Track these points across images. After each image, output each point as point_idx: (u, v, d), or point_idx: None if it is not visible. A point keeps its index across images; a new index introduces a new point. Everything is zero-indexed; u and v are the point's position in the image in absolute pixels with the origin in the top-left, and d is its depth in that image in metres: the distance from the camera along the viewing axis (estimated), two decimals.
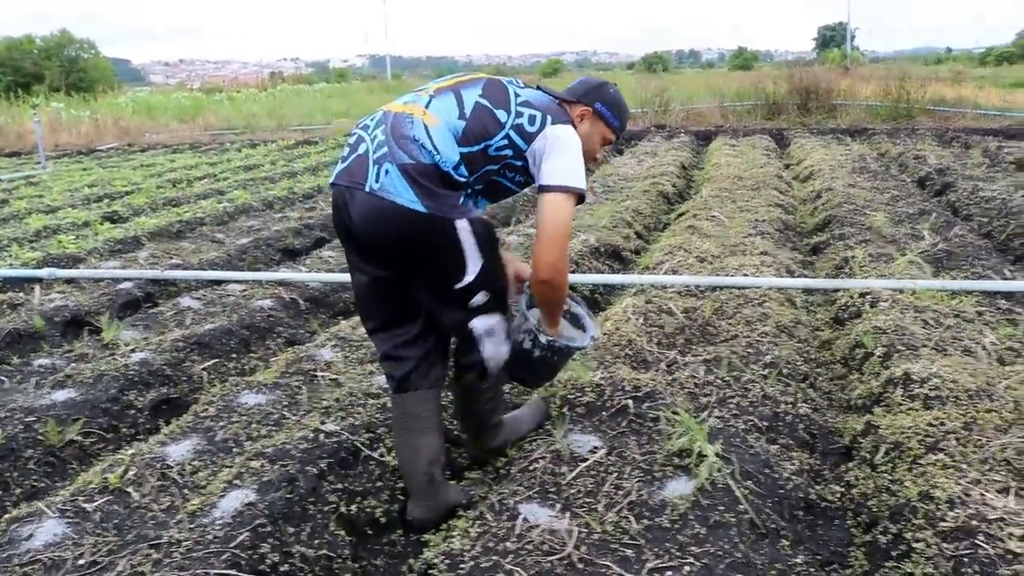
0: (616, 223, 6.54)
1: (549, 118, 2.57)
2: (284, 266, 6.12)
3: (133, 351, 4.17)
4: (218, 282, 5.53)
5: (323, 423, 3.12)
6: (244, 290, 5.32)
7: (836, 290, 4.84)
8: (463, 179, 2.47)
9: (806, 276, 5.43)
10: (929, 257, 5.36)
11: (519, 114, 2.55)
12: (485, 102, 2.54)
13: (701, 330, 4.05)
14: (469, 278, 2.52)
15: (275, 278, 5.41)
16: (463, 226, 2.47)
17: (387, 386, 3.41)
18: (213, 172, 12.33)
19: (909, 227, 6.38)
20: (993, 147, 11.51)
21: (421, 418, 2.70)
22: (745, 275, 4.85)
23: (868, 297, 4.46)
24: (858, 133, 14.51)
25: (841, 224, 6.53)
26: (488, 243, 2.56)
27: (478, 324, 2.62)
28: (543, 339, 2.69)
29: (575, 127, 2.66)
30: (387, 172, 2.41)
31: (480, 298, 2.58)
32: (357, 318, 4.65)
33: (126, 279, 5.62)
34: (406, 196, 2.39)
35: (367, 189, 2.43)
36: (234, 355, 4.39)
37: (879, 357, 3.69)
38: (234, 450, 3.09)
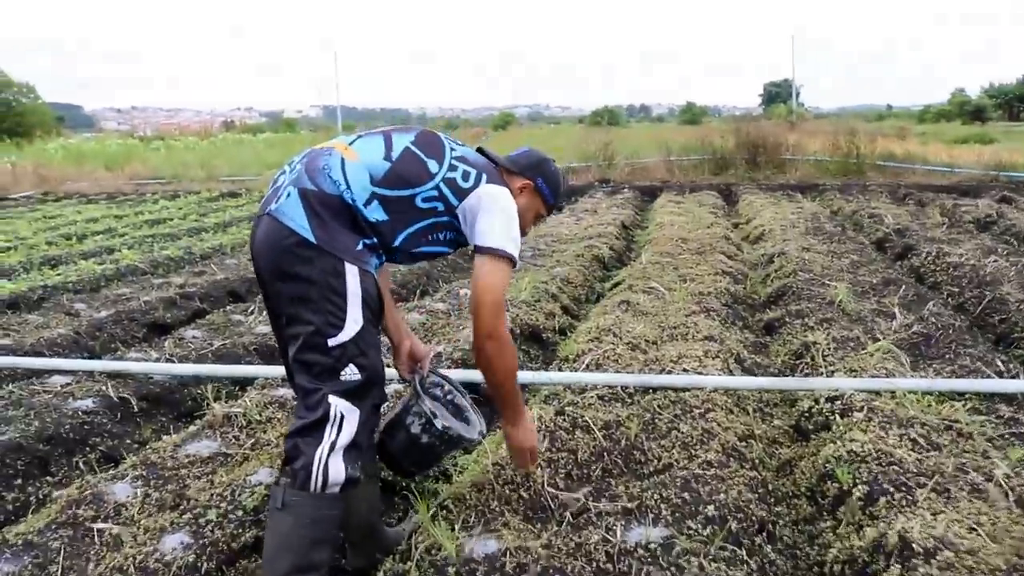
0: (539, 296, 5.58)
1: (484, 176, 2.46)
2: (138, 349, 5.04)
3: None
4: (41, 372, 4.45)
5: None
6: (68, 384, 4.24)
7: (798, 389, 3.92)
8: (372, 222, 2.30)
9: (758, 363, 4.53)
10: (904, 342, 4.50)
11: (452, 167, 2.43)
12: (416, 150, 2.42)
13: (624, 455, 3.08)
14: (347, 335, 2.23)
15: (109, 368, 4.34)
16: (352, 271, 2.25)
17: (179, 556, 2.43)
18: (115, 226, 11.21)
19: (875, 301, 5.54)
20: (950, 205, 10.91)
21: None
22: (685, 370, 3.92)
23: (838, 403, 3.55)
24: (809, 189, 13.89)
25: (797, 297, 5.67)
26: (372, 305, 2.30)
27: (339, 404, 2.22)
28: (438, 425, 2.51)
29: (513, 194, 2.55)
30: (288, 195, 2.28)
31: (353, 373, 2.24)
32: (192, 430, 3.67)
33: None
34: (299, 221, 2.23)
35: (267, 212, 2.29)
36: (17, 483, 3.32)
37: (859, 499, 2.75)
38: None
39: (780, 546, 2.71)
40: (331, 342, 2.22)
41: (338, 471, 2.22)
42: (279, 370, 4.30)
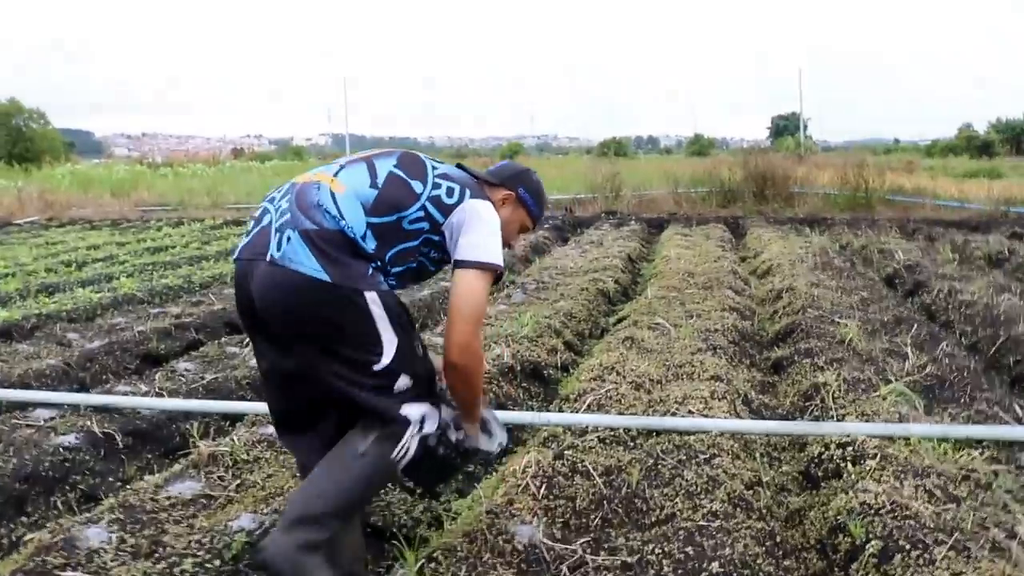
0: (542, 332, 5.44)
1: (468, 191, 2.46)
2: (128, 381, 4.91)
3: None
4: (25, 405, 4.31)
5: None
6: (53, 418, 4.11)
7: (807, 434, 3.77)
8: (370, 251, 2.30)
9: (766, 404, 4.39)
10: (917, 384, 4.35)
11: (436, 185, 2.43)
12: (400, 172, 2.42)
13: (625, 504, 2.93)
14: (387, 358, 2.28)
15: (95, 402, 4.22)
16: (372, 298, 2.25)
17: None
18: (116, 253, 11.13)
19: (887, 340, 5.40)
20: (960, 241, 10.77)
21: None
22: (690, 412, 3.78)
23: (850, 449, 3.40)
24: (817, 223, 13.75)
25: (807, 335, 5.52)
26: (400, 319, 2.34)
27: (412, 409, 2.33)
28: (452, 436, 2.50)
29: (495, 207, 2.53)
30: (289, 239, 2.24)
31: (404, 382, 2.32)
32: (175, 469, 3.52)
33: None
34: (308, 264, 2.20)
35: (268, 259, 2.24)
36: None
37: (874, 556, 2.60)
38: None
39: None
40: (376, 368, 2.28)
41: (416, 452, 2.36)
42: None
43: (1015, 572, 2.42)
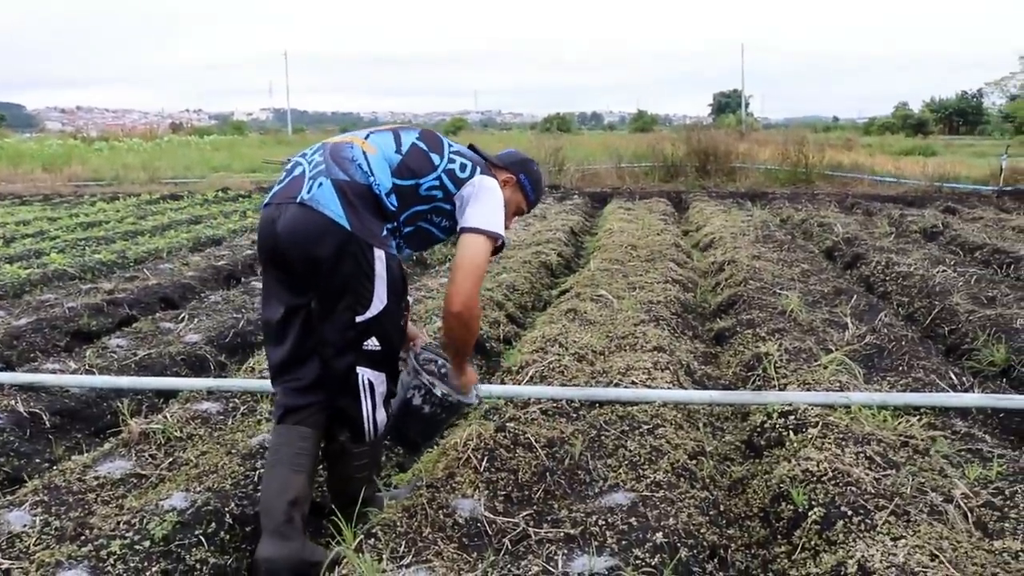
0: (483, 304, 5.38)
1: (478, 168, 2.71)
2: (57, 359, 4.73)
3: None
4: None
5: None
6: None
7: (750, 403, 3.78)
8: (392, 209, 2.55)
9: (709, 375, 4.40)
10: (858, 354, 4.39)
11: (451, 160, 2.68)
12: (421, 144, 2.67)
13: (568, 476, 2.90)
14: (372, 312, 2.50)
15: (20, 380, 4.04)
16: (380, 256, 2.49)
17: None
18: (47, 229, 10.74)
19: (827, 310, 5.45)
20: (897, 215, 10.98)
21: (299, 454, 2.57)
22: (634, 383, 3.75)
23: (792, 418, 3.41)
24: (758, 197, 13.92)
25: (748, 306, 5.55)
26: (396, 286, 2.55)
27: (365, 373, 2.56)
28: (438, 393, 2.66)
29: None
30: (320, 185, 2.48)
31: (374, 343, 2.54)
32: (105, 448, 3.39)
33: None
34: (334, 209, 2.43)
35: (298, 200, 2.47)
36: None
37: (816, 523, 2.60)
38: None
39: (733, 573, 2.55)
40: (358, 319, 2.50)
41: (383, 418, 2.66)
42: (204, 382, 4.07)
43: (952, 535, 2.44)
